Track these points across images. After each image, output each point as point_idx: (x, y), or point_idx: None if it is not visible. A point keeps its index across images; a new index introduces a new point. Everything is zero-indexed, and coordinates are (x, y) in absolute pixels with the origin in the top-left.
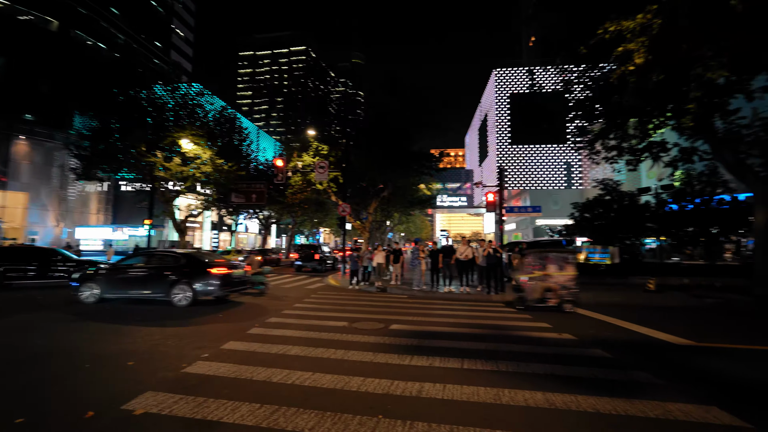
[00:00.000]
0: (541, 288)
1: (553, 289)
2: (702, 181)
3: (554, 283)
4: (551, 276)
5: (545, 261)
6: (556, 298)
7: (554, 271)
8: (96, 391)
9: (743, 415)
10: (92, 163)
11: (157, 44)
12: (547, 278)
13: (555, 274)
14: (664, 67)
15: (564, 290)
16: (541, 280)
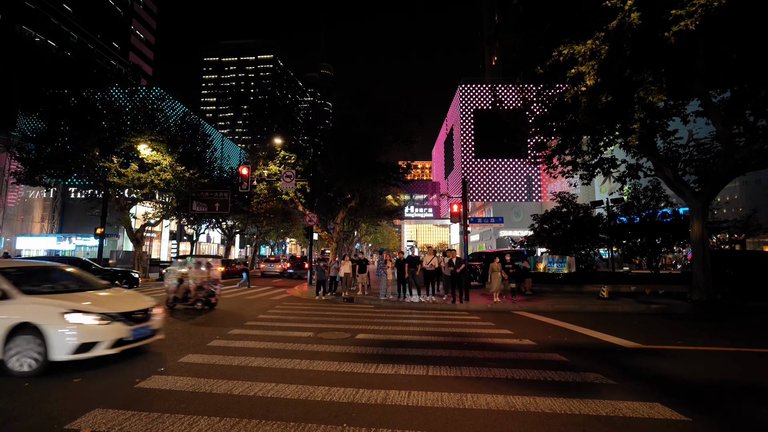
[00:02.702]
0: (183, 289)
1: (191, 290)
2: (647, 195)
3: (192, 284)
4: (191, 278)
5: (197, 266)
6: (194, 297)
7: (195, 274)
8: (36, 410)
9: (682, 409)
10: (37, 167)
11: (114, 45)
12: (187, 281)
13: (195, 277)
14: (611, 89)
15: (200, 291)
16: (180, 282)
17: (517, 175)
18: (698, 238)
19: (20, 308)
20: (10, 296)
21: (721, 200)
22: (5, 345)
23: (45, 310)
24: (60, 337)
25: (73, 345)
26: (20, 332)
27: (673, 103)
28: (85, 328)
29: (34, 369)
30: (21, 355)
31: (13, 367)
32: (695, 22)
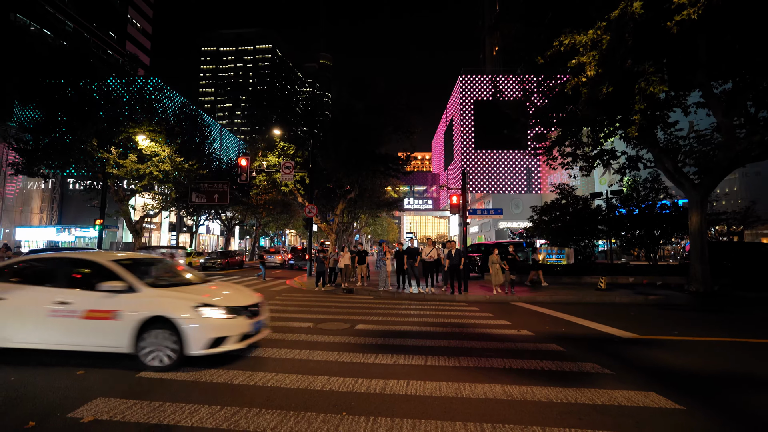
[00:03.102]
0: None
1: None
2: (647, 187)
3: None
4: None
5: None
6: None
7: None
8: (40, 399)
9: (677, 398)
10: (35, 158)
11: (111, 35)
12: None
13: None
14: (612, 80)
15: None
16: None
17: (517, 167)
18: (697, 229)
19: (150, 302)
20: (136, 289)
21: (720, 192)
22: (138, 339)
23: (177, 304)
24: (195, 331)
25: (207, 339)
26: (153, 326)
27: (674, 94)
28: (216, 323)
29: (168, 364)
30: (155, 350)
31: (146, 362)
32: (698, 11)
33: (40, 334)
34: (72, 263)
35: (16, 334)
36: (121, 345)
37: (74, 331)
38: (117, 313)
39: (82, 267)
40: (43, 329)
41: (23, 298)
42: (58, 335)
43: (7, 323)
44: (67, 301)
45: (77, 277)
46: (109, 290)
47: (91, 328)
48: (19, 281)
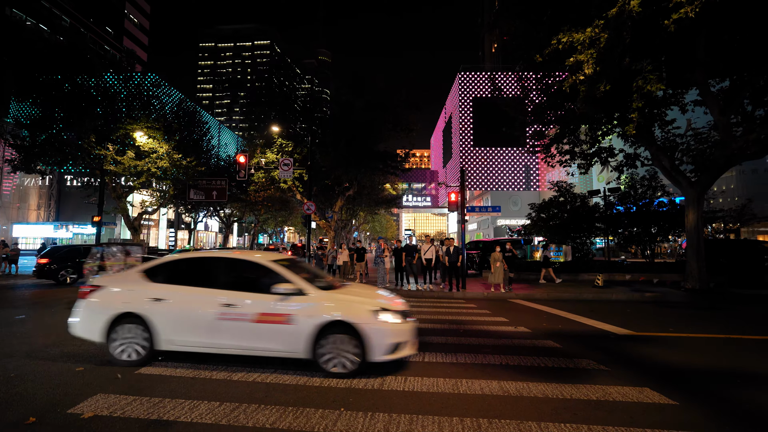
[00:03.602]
0: None
1: None
2: (644, 185)
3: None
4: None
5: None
6: None
7: (112, 261)
8: (40, 395)
9: (671, 393)
10: (32, 154)
11: (108, 30)
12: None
13: (112, 264)
14: (610, 78)
15: None
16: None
17: (516, 164)
18: (693, 227)
19: (325, 305)
20: (306, 292)
21: (717, 190)
22: (316, 344)
23: (357, 308)
24: (378, 336)
25: (388, 345)
26: (331, 331)
27: (671, 93)
28: (395, 328)
29: (350, 370)
30: (336, 355)
31: (328, 368)
32: (695, 9)
33: (207, 338)
34: (231, 264)
35: (181, 336)
36: (295, 350)
37: (245, 335)
38: (291, 317)
39: (243, 268)
40: (212, 332)
41: (186, 300)
42: (227, 339)
43: (171, 326)
44: (235, 304)
45: (240, 279)
46: (284, 293)
47: (263, 332)
48: (173, 282)
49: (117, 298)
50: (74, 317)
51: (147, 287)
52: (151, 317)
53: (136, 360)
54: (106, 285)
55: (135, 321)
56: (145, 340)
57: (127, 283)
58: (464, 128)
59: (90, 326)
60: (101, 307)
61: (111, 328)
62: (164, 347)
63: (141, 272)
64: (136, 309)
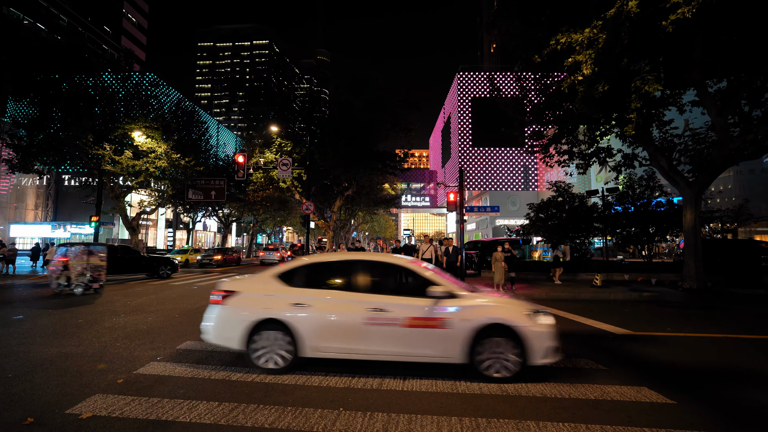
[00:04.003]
0: (65, 275)
1: (72, 276)
2: (642, 185)
3: (74, 271)
4: (72, 265)
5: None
6: (75, 283)
7: (76, 261)
8: (38, 395)
9: (668, 393)
10: (29, 154)
11: (106, 29)
12: (71, 267)
13: (75, 263)
14: (608, 79)
15: (81, 277)
16: (64, 268)
17: (514, 164)
18: (691, 227)
19: (480, 308)
20: (458, 294)
21: (714, 190)
22: (473, 348)
23: (513, 310)
24: (538, 339)
25: (547, 348)
26: (489, 334)
27: (669, 93)
28: (551, 330)
29: (512, 374)
30: (496, 360)
31: (490, 373)
32: (692, 10)
33: (356, 344)
34: (372, 266)
35: (327, 343)
36: (450, 355)
37: (395, 340)
38: (445, 321)
39: (385, 270)
40: (360, 339)
41: (331, 305)
42: (377, 345)
43: (317, 332)
44: (383, 308)
45: (383, 282)
46: (438, 296)
47: (414, 337)
48: (312, 286)
49: (257, 304)
50: (208, 323)
51: (286, 292)
52: (295, 323)
53: (280, 368)
54: (241, 290)
55: (277, 327)
56: (289, 346)
57: (265, 288)
58: (463, 128)
59: (228, 333)
60: (240, 313)
61: (251, 335)
62: (309, 354)
63: (275, 276)
64: (279, 315)
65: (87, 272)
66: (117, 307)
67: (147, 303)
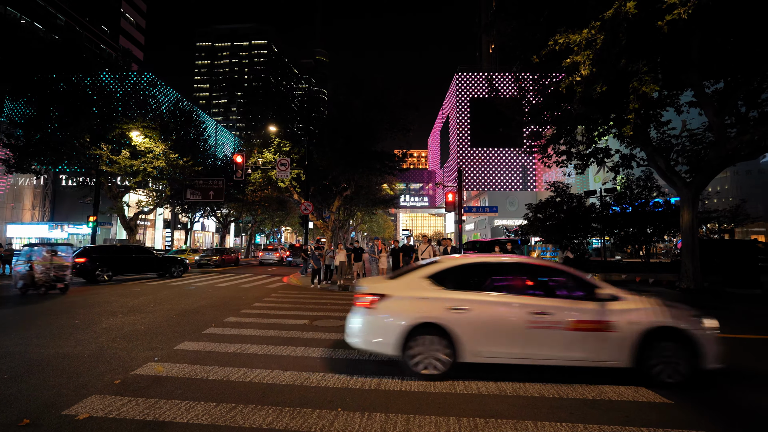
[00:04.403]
0: (29, 275)
1: (36, 276)
2: (640, 185)
3: (38, 271)
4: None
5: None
6: (40, 282)
7: (40, 261)
8: (34, 396)
9: (665, 393)
10: (26, 154)
11: (104, 29)
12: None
13: (39, 263)
14: (606, 79)
15: (45, 276)
16: (29, 269)
17: (513, 165)
18: (688, 227)
19: (646, 311)
20: (621, 297)
21: (711, 190)
22: (642, 352)
23: (678, 313)
24: (709, 343)
25: (717, 352)
26: (657, 338)
27: (667, 94)
28: (717, 333)
29: (683, 379)
30: (666, 363)
31: (662, 379)
32: (688, 11)
33: (518, 348)
34: (526, 269)
35: (488, 347)
36: (617, 359)
37: (559, 344)
38: (611, 324)
39: (539, 273)
40: (522, 343)
41: (490, 308)
42: (539, 349)
43: (477, 337)
44: (546, 311)
45: (538, 284)
46: (604, 298)
47: (580, 340)
48: (465, 289)
49: (411, 308)
50: (356, 327)
51: (441, 294)
52: (454, 327)
53: (439, 374)
54: (392, 293)
55: (435, 332)
56: (447, 351)
57: (418, 291)
58: (461, 128)
59: (380, 338)
60: (394, 317)
61: (407, 341)
62: (469, 359)
63: (426, 278)
64: (436, 319)
65: (50, 272)
66: (114, 308)
67: (145, 303)
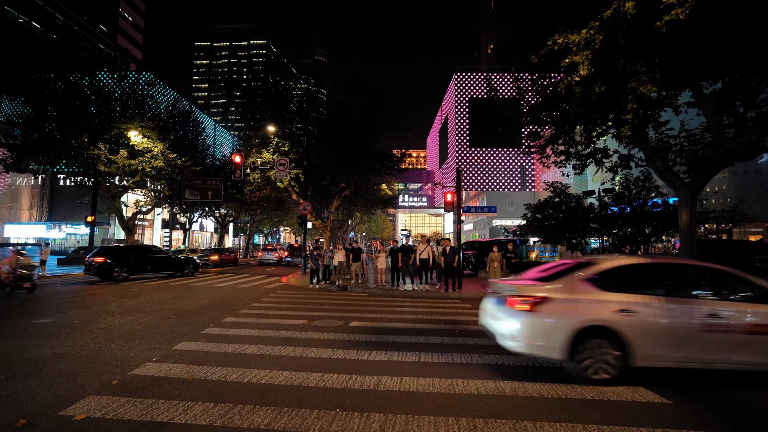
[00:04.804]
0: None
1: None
2: (638, 185)
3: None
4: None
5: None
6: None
7: (5, 262)
8: (31, 397)
9: (664, 393)
10: (24, 153)
11: (102, 28)
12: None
13: (3, 263)
14: (605, 80)
15: (11, 276)
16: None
17: (511, 165)
18: (686, 227)
19: None
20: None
21: (709, 191)
22: None
23: None
24: None
25: None
26: None
27: (665, 94)
28: None
29: None
30: None
31: None
32: (685, 11)
33: (692, 352)
34: (689, 270)
35: (659, 351)
36: None
37: (736, 348)
38: None
39: (704, 275)
40: (697, 346)
41: (660, 311)
42: (715, 353)
43: (648, 340)
44: (718, 314)
45: (707, 287)
46: None
47: (759, 344)
48: (629, 291)
49: (577, 311)
50: (514, 330)
51: (605, 297)
52: (625, 331)
53: (608, 378)
54: (553, 296)
55: (602, 335)
56: (617, 355)
57: (580, 293)
58: (460, 129)
59: (546, 342)
60: (560, 320)
61: (574, 344)
62: (639, 363)
63: (586, 280)
64: (605, 322)
65: (16, 272)
66: (113, 308)
67: (143, 303)
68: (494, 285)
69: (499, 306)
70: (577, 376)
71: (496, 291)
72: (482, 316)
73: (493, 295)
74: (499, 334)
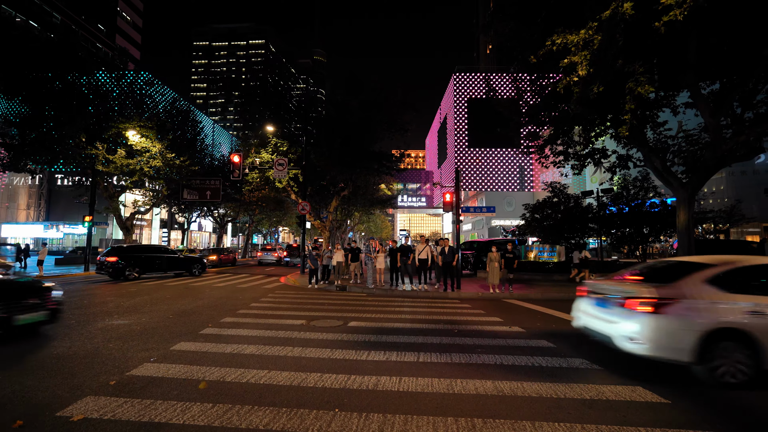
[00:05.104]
0: None
1: None
2: (636, 185)
3: None
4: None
5: None
6: None
7: None
8: (28, 398)
9: (662, 392)
10: (21, 153)
11: (100, 27)
12: None
13: None
14: (603, 80)
15: None
16: None
17: (510, 165)
18: (684, 227)
19: None
20: None
21: (707, 191)
22: None
23: None
24: None
25: None
26: None
27: (663, 95)
28: None
29: None
30: None
31: None
32: (684, 12)
33: None
34: None
35: None
36: None
37: None
38: None
39: None
40: None
41: None
42: None
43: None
44: None
45: None
46: None
47: None
48: (755, 293)
49: (706, 313)
50: (637, 332)
51: (732, 298)
52: (758, 334)
53: (741, 382)
54: (678, 297)
55: (733, 338)
56: (749, 358)
57: (705, 295)
58: (459, 129)
59: (674, 344)
60: (688, 323)
61: (704, 347)
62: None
63: (707, 282)
64: (736, 324)
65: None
66: (111, 308)
67: (141, 304)
68: (594, 286)
69: (608, 308)
70: (707, 379)
71: (595, 292)
72: (580, 318)
73: (592, 296)
74: (614, 337)
